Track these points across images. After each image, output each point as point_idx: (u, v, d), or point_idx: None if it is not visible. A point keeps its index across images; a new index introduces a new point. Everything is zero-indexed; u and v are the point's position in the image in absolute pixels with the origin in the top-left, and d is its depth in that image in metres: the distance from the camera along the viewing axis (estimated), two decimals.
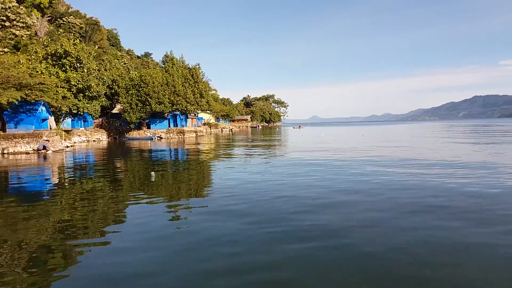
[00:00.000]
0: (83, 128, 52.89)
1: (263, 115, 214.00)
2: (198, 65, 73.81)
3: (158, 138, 58.43)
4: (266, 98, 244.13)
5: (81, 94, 46.97)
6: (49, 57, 45.15)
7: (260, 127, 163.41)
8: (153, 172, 16.84)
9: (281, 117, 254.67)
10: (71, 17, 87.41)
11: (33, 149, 32.41)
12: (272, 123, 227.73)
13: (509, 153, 24.75)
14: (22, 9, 57.41)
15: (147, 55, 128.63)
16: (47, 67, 43.40)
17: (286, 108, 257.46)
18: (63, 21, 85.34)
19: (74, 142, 44.58)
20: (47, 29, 69.25)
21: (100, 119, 60.45)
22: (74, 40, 49.03)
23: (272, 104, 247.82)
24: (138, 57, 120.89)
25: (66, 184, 15.63)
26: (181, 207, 10.78)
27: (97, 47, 66.26)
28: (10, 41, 53.32)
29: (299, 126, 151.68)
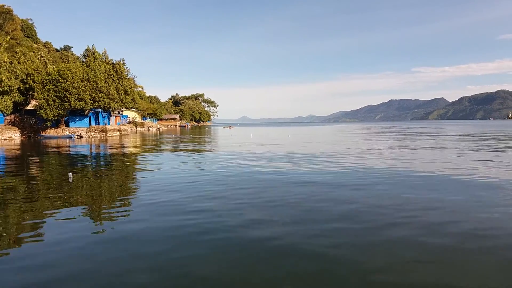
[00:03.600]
0: None
1: (192, 114, 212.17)
2: (122, 60, 71.02)
3: (78, 137, 55.54)
4: (195, 97, 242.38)
5: None
6: None
7: (190, 126, 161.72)
8: (70, 173, 16.29)
9: (211, 116, 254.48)
10: None
11: None
12: (202, 122, 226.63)
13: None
14: None
15: (67, 48, 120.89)
16: None
17: (216, 108, 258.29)
18: None
19: None
20: None
21: (13, 116, 55.80)
22: None
23: (202, 103, 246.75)
24: (57, 50, 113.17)
25: None
26: (99, 215, 9.75)
27: (9, 37, 60.78)
28: None
29: (230, 126, 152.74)
